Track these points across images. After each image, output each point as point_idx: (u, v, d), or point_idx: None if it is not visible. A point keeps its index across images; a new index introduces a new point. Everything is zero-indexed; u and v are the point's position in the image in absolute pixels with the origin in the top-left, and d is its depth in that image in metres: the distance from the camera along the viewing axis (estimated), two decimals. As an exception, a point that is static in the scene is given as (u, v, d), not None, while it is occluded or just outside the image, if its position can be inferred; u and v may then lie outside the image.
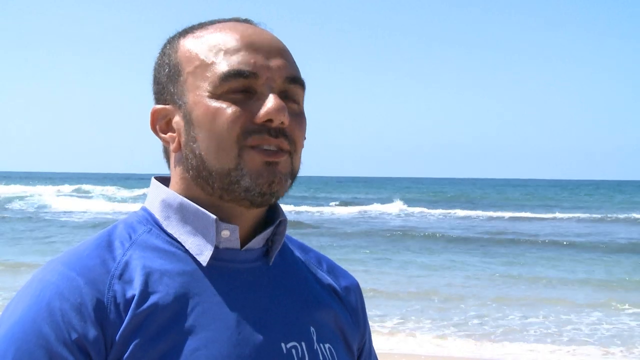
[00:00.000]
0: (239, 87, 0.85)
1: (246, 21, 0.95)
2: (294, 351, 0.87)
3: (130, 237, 0.89)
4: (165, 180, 0.96)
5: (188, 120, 0.88)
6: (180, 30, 0.96)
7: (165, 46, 0.96)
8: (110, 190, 45.48)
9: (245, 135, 0.84)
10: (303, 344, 0.89)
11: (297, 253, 1.01)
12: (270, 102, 0.84)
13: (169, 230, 0.90)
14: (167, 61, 0.93)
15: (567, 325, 8.02)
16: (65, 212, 26.93)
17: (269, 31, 0.94)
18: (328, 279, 1.02)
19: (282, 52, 0.91)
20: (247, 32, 0.90)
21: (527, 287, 10.78)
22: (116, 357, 0.80)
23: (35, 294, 0.82)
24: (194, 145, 0.87)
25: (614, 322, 8.21)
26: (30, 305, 0.81)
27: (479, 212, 28.79)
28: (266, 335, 0.86)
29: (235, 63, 0.86)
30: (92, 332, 0.79)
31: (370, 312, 3.39)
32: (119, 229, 0.91)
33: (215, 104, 0.85)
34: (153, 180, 0.96)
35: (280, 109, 0.83)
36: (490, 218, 26.79)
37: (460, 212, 28.84)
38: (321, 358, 0.89)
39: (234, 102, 0.85)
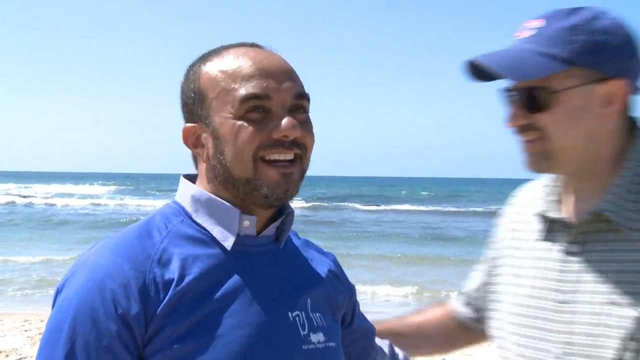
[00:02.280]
0: (256, 107, 1.04)
1: (254, 45, 1.12)
2: (297, 319, 1.08)
3: (166, 227, 1.07)
4: (191, 178, 1.15)
5: (215, 137, 1.06)
6: (199, 57, 1.13)
7: (188, 73, 1.13)
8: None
9: (262, 149, 1.03)
10: (302, 313, 1.10)
11: (293, 239, 1.23)
12: (285, 121, 1.03)
13: (198, 221, 1.09)
14: (192, 87, 1.10)
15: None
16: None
17: (276, 53, 1.12)
18: (318, 257, 1.25)
19: (289, 74, 1.09)
20: (258, 58, 1.07)
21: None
22: (157, 328, 0.97)
23: (89, 274, 1.00)
24: (221, 157, 1.06)
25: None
26: (84, 282, 0.99)
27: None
28: (278, 306, 1.07)
29: (251, 88, 1.04)
30: (134, 308, 0.97)
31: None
32: (156, 220, 1.09)
33: (237, 123, 1.04)
34: (182, 178, 1.15)
35: (293, 127, 1.03)
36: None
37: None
38: (315, 324, 1.11)
39: (253, 121, 1.04)
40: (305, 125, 1.08)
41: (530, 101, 1.15)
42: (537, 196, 1.29)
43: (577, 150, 1.15)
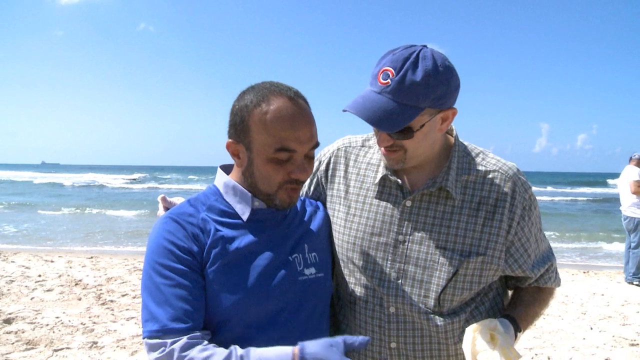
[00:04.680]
0: (285, 156, 1.49)
1: (293, 99, 1.50)
2: (295, 259, 1.59)
3: (206, 202, 1.60)
4: (225, 168, 1.66)
5: (251, 160, 1.54)
6: (252, 92, 1.52)
7: (241, 105, 1.52)
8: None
9: (283, 183, 1.52)
10: (300, 255, 1.61)
11: (297, 202, 1.72)
12: (301, 170, 1.51)
13: (227, 199, 1.61)
14: (242, 117, 1.51)
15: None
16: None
17: (307, 109, 1.52)
18: (313, 210, 1.77)
19: (312, 131, 1.51)
20: (295, 116, 1.47)
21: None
22: (205, 262, 1.49)
23: (161, 228, 1.53)
24: (252, 174, 1.55)
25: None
26: (160, 234, 1.52)
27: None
28: (282, 252, 1.58)
29: (284, 142, 1.46)
30: (195, 247, 1.50)
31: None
32: (200, 197, 1.63)
33: (269, 163, 1.50)
34: (219, 169, 1.66)
35: (305, 174, 1.53)
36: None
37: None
38: (309, 262, 1.62)
39: (280, 161, 1.49)
40: (310, 162, 1.56)
41: (397, 135, 1.55)
42: (376, 160, 1.75)
43: (423, 154, 1.62)
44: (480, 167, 1.66)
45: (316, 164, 1.86)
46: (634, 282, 8.58)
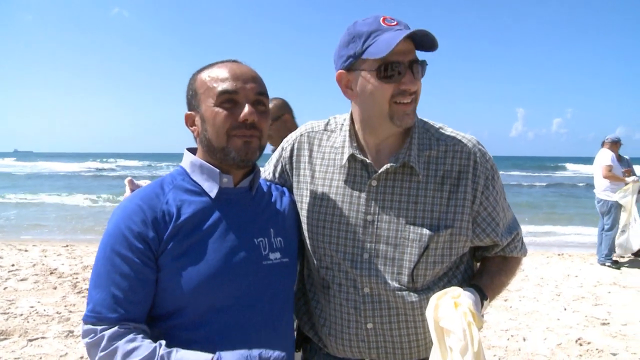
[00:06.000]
0: (228, 99, 1.52)
1: (235, 61, 1.59)
2: (261, 243, 1.59)
3: (172, 182, 1.59)
4: (192, 150, 1.65)
5: (202, 120, 1.56)
6: (198, 69, 1.61)
7: (190, 78, 1.61)
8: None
9: (232, 129, 1.52)
10: (266, 238, 1.60)
11: (264, 186, 1.74)
12: (246, 110, 1.52)
13: (194, 178, 1.60)
14: (191, 87, 1.60)
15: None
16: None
17: (248, 65, 1.59)
18: (279, 195, 1.76)
19: (254, 79, 1.57)
20: (233, 67, 1.56)
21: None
22: (164, 248, 1.47)
23: (122, 211, 1.51)
24: (205, 133, 1.56)
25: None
26: (119, 216, 1.50)
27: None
28: (247, 234, 1.57)
29: (225, 86, 1.53)
30: (151, 233, 1.47)
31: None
32: (167, 178, 1.61)
33: (215, 109, 1.53)
34: (185, 150, 1.65)
35: (251, 114, 1.52)
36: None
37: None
38: (274, 246, 1.61)
39: (226, 108, 1.52)
40: (263, 114, 1.57)
41: (422, 72, 1.59)
42: (339, 143, 1.75)
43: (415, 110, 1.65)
44: (440, 142, 1.68)
45: (279, 151, 1.87)
46: (606, 264, 8.77)
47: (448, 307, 1.46)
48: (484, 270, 1.76)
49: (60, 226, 13.24)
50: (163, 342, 1.40)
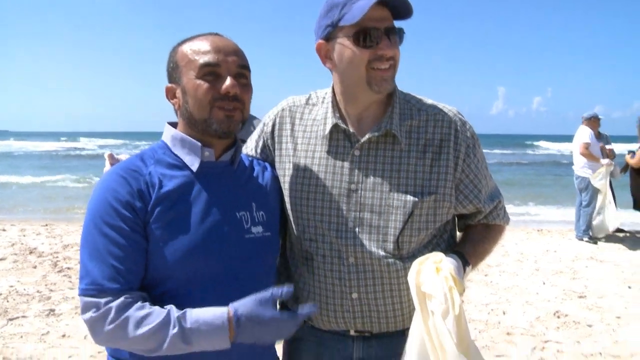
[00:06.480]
0: (210, 72, 1.50)
1: (217, 34, 1.57)
2: (242, 217, 1.58)
3: (153, 156, 1.57)
4: (173, 125, 1.62)
5: (183, 92, 1.54)
6: (179, 41, 1.59)
7: (171, 51, 1.59)
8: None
9: (214, 101, 1.50)
10: (247, 212, 1.60)
11: (246, 161, 1.72)
12: (228, 82, 1.50)
13: (175, 152, 1.58)
14: (172, 59, 1.57)
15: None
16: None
17: (229, 39, 1.58)
18: (260, 167, 1.75)
19: (236, 52, 1.55)
20: (215, 40, 1.54)
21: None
22: (148, 218, 1.46)
23: (106, 183, 1.49)
24: (187, 106, 1.53)
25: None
26: (104, 188, 1.48)
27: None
28: (228, 207, 1.56)
29: (207, 58, 1.50)
30: (138, 203, 1.46)
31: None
32: (148, 151, 1.60)
33: (197, 82, 1.50)
34: (166, 124, 1.62)
35: (233, 86, 1.50)
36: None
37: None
38: (256, 220, 1.60)
39: (207, 81, 1.50)
40: (245, 87, 1.55)
41: (399, 37, 1.61)
42: (321, 115, 1.75)
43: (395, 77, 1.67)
44: (422, 112, 1.71)
45: (261, 126, 1.87)
46: (584, 239, 8.94)
47: (430, 272, 1.47)
48: (467, 238, 1.80)
49: (39, 206, 13.06)
50: (172, 306, 1.39)
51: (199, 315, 1.36)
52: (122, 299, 1.38)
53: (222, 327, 1.34)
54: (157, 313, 1.36)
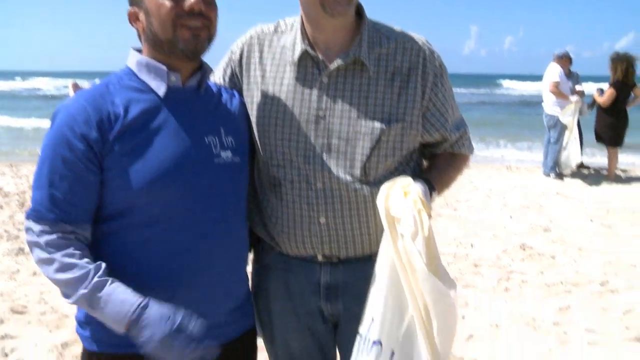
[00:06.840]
0: None
1: None
2: (211, 141, 1.54)
3: (119, 82, 1.51)
4: (138, 50, 1.56)
5: (146, 13, 1.47)
6: None
7: None
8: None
9: (178, 18, 1.44)
10: (216, 137, 1.56)
11: (213, 88, 1.68)
12: (195, 1, 1.43)
13: (141, 77, 1.52)
14: None
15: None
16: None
17: None
18: (228, 94, 1.71)
19: None
20: None
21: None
22: (110, 149, 1.41)
23: (64, 112, 1.44)
24: (151, 27, 1.47)
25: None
26: (61, 118, 1.43)
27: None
28: (197, 132, 1.52)
29: None
30: (93, 134, 1.40)
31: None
32: (112, 78, 1.53)
33: (159, 1, 1.43)
34: (131, 49, 1.56)
35: (198, 2, 1.43)
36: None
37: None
38: (225, 145, 1.57)
39: (171, 1, 1.42)
40: (210, 5, 1.48)
41: None
42: (290, 42, 1.72)
43: None
44: (390, 40, 1.71)
45: (228, 54, 1.83)
46: (551, 175, 9.16)
47: (398, 196, 1.49)
48: (433, 165, 1.84)
49: (3, 147, 12.68)
50: (103, 265, 1.37)
51: (117, 292, 1.34)
52: (54, 236, 1.38)
53: (123, 315, 1.32)
54: (80, 267, 1.35)
